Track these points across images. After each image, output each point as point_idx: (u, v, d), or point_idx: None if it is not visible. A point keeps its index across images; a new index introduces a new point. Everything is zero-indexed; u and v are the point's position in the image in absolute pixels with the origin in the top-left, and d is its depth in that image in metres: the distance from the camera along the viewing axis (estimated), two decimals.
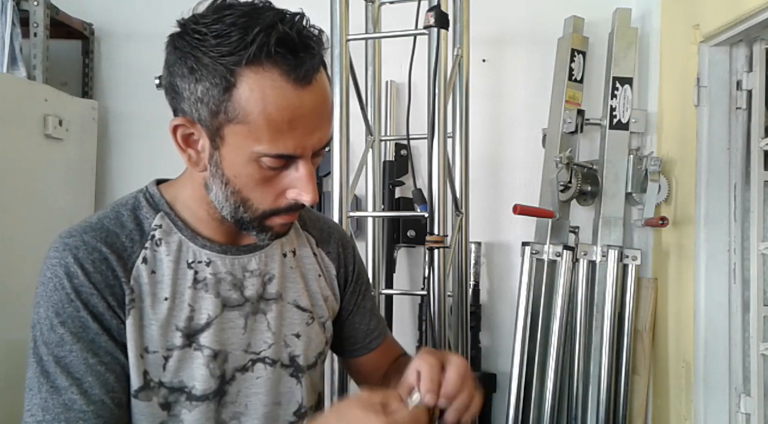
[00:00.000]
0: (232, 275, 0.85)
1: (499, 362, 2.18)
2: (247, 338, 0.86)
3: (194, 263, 0.83)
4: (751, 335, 1.69)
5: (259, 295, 0.87)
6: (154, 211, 0.84)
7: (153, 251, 0.81)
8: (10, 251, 1.77)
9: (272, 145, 0.73)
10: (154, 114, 2.30)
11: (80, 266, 0.77)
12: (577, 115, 2.04)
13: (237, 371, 0.84)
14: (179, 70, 0.74)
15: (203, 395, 0.81)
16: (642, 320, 1.98)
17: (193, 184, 0.84)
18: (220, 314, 0.83)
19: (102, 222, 0.81)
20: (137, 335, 0.78)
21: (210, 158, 0.77)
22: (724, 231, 1.74)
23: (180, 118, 0.77)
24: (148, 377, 0.79)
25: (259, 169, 0.76)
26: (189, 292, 0.82)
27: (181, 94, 0.75)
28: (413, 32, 1.61)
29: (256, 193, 0.78)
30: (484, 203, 2.18)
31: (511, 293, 2.14)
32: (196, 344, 0.81)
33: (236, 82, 0.71)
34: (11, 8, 1.91)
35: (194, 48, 0.73)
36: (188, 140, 0.78)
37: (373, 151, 1.79)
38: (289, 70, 0.72)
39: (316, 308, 0.94)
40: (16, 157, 1.81)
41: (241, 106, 0.72)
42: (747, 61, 1.73)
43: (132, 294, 0.79)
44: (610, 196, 1.99)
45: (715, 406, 1.73)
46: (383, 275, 2.01)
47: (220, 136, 0.75)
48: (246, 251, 0.88)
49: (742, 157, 1.73)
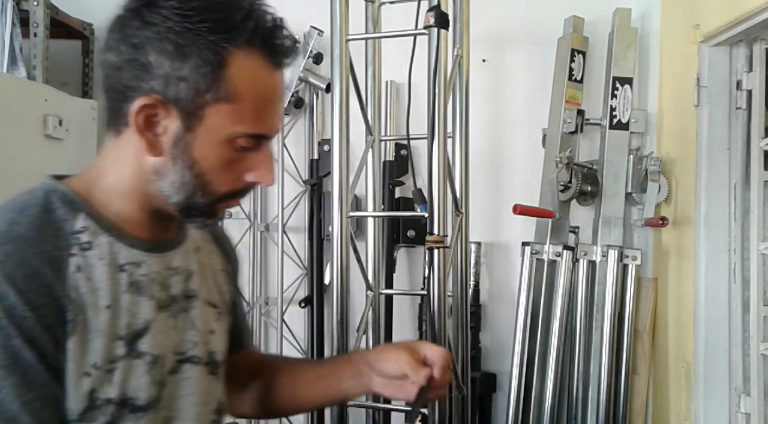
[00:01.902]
0: (159, 274, 0.80)
1: (499, 362, 2.18)
2: (176, 339, 0.82)
3: (126, 265, 0.76)
4: (751, 335, 1.69)
5: (183, 293, 0.84)
6: (73, 211, 0.75)
7: (83, 256, 0.73)
8: None
9: (254, 125, 0.74)
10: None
11: (10, 283, 0.66)
12: (577, 115, 2.04)
13: (168, 375, 0.80)
14: (156, 45, 0.70)
15: (146, 405, 0.76)
16: (642, 320, 1.98)
17: (123, 173, 0.77)
18: (154, 316, 0.78)
19: (15, 230, 0.70)
20: (82, 351, 0.70)
21: (176, 141, 0.73)
22: (724, 231, 1.74)
23: (147, 97, 0.71)
24: (94, 396, 0.71)
25: (231, 150, 0.75)
26: (125, 296, 0.75)
27: (155, 71, 0.71)
28: (413, 32, 1.61)
29: (220, 175, 0.76)
30: (484, 203, 2.18)
31: (511, 293, 2.14)
32: (136, 351, 0.75)
33: (228, 62, 0.71)
34: (11, 8, 1.91)
35: (177, 23, 0.70)
36: (149, 122, 0.73)
37: (373, 151, 1.79)
38: (272, 53, 0.74)
39: (222, 303, 0.92)
40: (16, 157, 1.81)
41: (233, 86, 0.72)
42: (747, 61, 1.73)
43: (73, 308, 0.70)
44: (610, 196, 1.99)
45: (715, 406, 1.73)
46: (383, 275, 2.00)
47: (198, 116, 0.72)
48: (169, 247, 0.83)
49: (742, 157, 1.73)
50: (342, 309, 1.61)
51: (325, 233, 2.12)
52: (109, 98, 0.76)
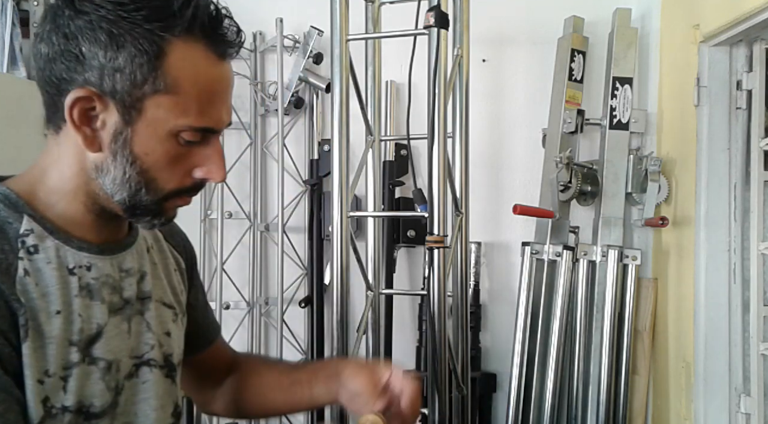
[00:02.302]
0: (111, 277, 0.77)
1: (499, 362, 2.18)
2: (132, 343, 0.79)
3: (75, 268, 0.73)
4: (751, 335, 1.69)
5: (136, 295, 0.81)
6: (16, 213, 0.71)
7: (30, 260, 0.69)
8: None
9: (198, 118, 0.71)
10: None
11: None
12: (577, 115, 2.04)
13: (125, 379, 0.77)
14: (89, 35, 0.67)
15: (101, 412, 0.73)
16: (642, 320, 1.98)
17: (64, 172, 0.73)
18: (107, 320, 0.75)
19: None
20: (36, 358, 0.67)
21: (116, 136, 0.70)
22: (724, 231, 1.74)
23: (82, 89, 0.68)
24: (48, 405, 0.68)
25: (175, 144, 0.71)
26: (77, 301, 0.72)
27: (89, 62, 0.67)
28: (413, 32, 1.61)
29: (165, 172, 0.72)
30: (484, 203, 2.18)
31: (511, 293, 2.14)
32: (89, 357, 0.72)
33: (167, 52, 0.68)
34: (11, 8, 1.91)
35: (110, 11, 0.67)
36: (85, 116, 0.69)
37: (373, 151, 1.79)
38: (214, 42, 0.71)
39: (177, 303, 0.89)
40: (16, 157, 1.80)
41: (172, 77, 0.69)
42: (747, 61, 1.73)
43: (24, 313, 0.67)
44: (610, 196, 1.99)
45: (715, 406, 1.73)
46: (383, 275, 2.01)
47: (137, 109, 0.69)
48: (120, 248, 0.80)
49: (742, 157, 1.73)
50: (342, 309, 1.61)
51: (325, 233, 2.12)
52: (44, 92, 0.72)
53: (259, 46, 2.25)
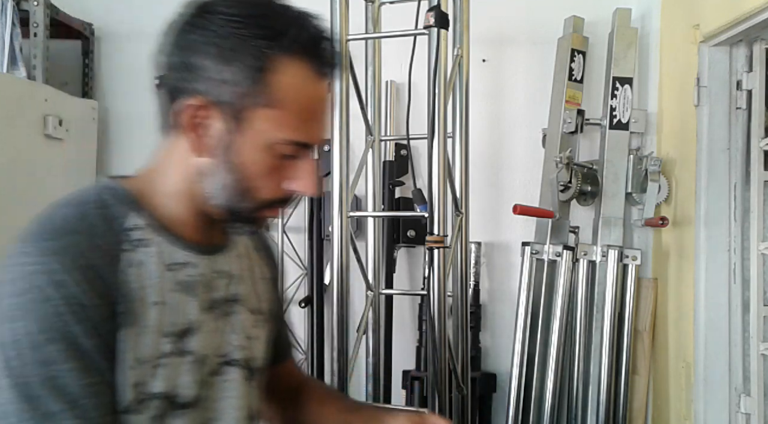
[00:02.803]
0: (205, 276, 0.81)
1: (499, 362, 2.18)
2: (218, 341, 0.83)
3: (174, 264, 0.78)
4: (751, 335, 1.69)
5: (226, 297, 0.85)
6: (126, 209, 0.77)
7: (135, 253, 0.74)
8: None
9: (296, 132, 0.75)
10: (154, 114, 2.30)
11: (69, 273, 0.68)
12: (577, 115, 2.04)
13: (209, 376, 0.81)
14: (203, 48, 0.73)
15: (188, 403, 0.78)
16: (642, 320, 1.98)
17: (173, 174, 0.79)
18: (198, 317, 0.79)
19: (70, 224, 0.72)
20: (131, 345, 0.72)
21: (219, 143, 0.75)
22: (724, 231, 1.74)
23: (193, 97, 0.73)
24: (139, 389, 0.73)
25: (272, 156, 0.75)
26: (172, 295, 0.77)
27: (200, 73, 0.73)
28: (413, 32, 1.61)
29: (261, 181, 0.76)
30: (484, 203, 2.18)
31: (511, 293, 2.14)
32: (180, 349, 0.77)
33: (272, 68, 0.72)
34: (11, 8, 1.91)
35: (222, 27, 0.72)
36: (194, 123, 0.75)
37: (373, 151, 1.79)
38: (317, 62, 0.75)
39: (264, 311, 0.93)
40: (16, 157, 1.81)
41: (275, 92, 0.73)
42: (747, 61, 1.73)
43: (123, 301, 0.72)
44: (610, 196, 1.99)
45: (715, 406, 1.73)
46: (383, 275, 2.00)
47: (240, 120, 0.74)
48: (216, 250, 0.85)
49: (742, 157, 1.73)
50: (342, 309, 1.61)
51: (325, 233, 2.12)
52: (160, 99, 0.79)
53: None
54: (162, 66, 0.77)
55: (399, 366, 2.12)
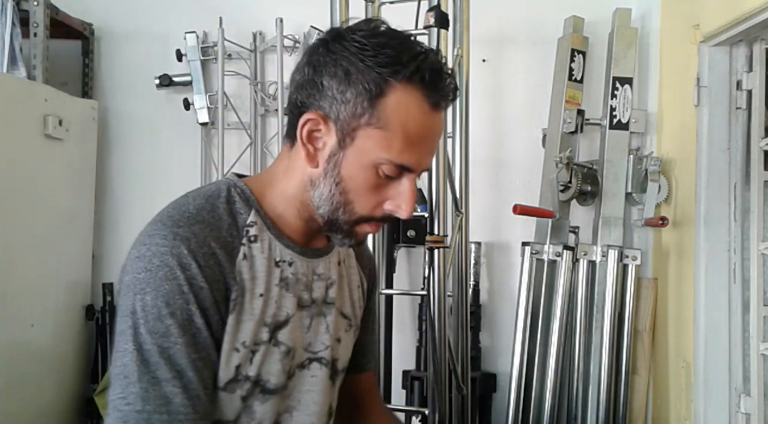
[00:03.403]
0: (306, 276, 0.89)
1: (499, 362, 2.18)
2: (309, 338, 0.90)
3: (280, 261, 0.86)
4: (751, 335, 1.69)
5: (322, 298, 0.92)
6: (247, 207, 0.85)
7: (249, 247, 0.83)
8: (9, 250, 1.77)
9: (399, 155, 0.80)
10: (154, 114, 2.31)
11: (194, 258, 0.77)
12: (577, 115, 2.04)
13: (296, 368, 0.89)
14: (331, 69, 0.79)
15: (274, 389, 0.85)
16: (642, 320, 1.98)
17: (289, 180, 0.86)
18: (295, 312, 0.87)
19: (201, 214, 0.81)
20: (236, 330, 0.80)
21: (330, 157, 0.81)
22: (724, 231, 1.74)
23: (314, 112, 0.80)
24: (239, 370, 0.81)
25: (374, 175, 0.81)
26: (275, 289, 0.84)
27: (325, 91, 0.80)
28: (413, 32, 1.61)
29: (362, 197, 0.82)
30: (484, 203, 2.18)
31: (511, 293, 2.14)
32: (275, 339, 0.84)
33: (387, 92, 0.78)
34: (11, 8, 1.91)
35: (353, 54, 0.79)
36: (311, 135, 0.82)
37: None
38: (431, 93, 0.80)
39: (354, 316, 0.99)
40: (16, 157, 1.81)
41: (386, 114, 0.78)
42: (747, 61, 1.73)
43: (237, 289, 0.80)
44: (610, 197, 1.99)
45: (715, 406, 1.73)
46: (383, 275, 2.01)
47: (352, 137, 0.80)
48: (317, 254, 0.92)
49: (742, 157, 1.73)
50: None
51: None
52: (289, 112, 0.85)
53: (259, 46, 2.25)
54: (295, 83, 0.84)
55: (399, 366, 2.12)
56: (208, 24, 2.21)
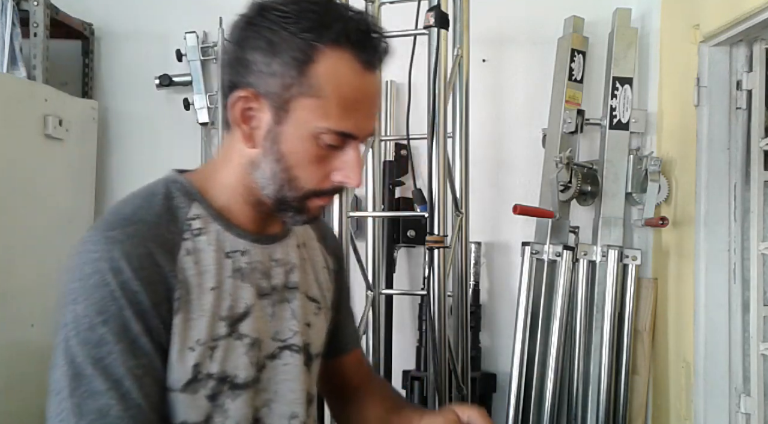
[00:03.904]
0: (262, 264, 0.86)
1: (499, 362, 2.18)
2: (275, 326, 0.87)
3: (232, 252, 0.83)
4: (751, 335, 1.69)
5: (283, 284, 0.89)
6: (188, 200, 0.82)
7: (194, 241, 0.80)
8: (9, 250, 1.77)
9: (338, 122, 0.76)
10: (154, 114, 2.30)
11: (127, 261, 0.73)
12: (577, 115, 2.04)
13: (267, 359, 0.86)
14: (254, 43, 0.76)
15: (244, 384, 0.82)
16: (642, 320, 1.98)
17: (229, 166, 0.83)
18: (255, 302, 0.84)
19: (138, 213, 0.78)
20: (186, 328, 0.77)
21: (267, 134, 0.78)
22: (724, 231, 1.74)
23: (245, 90, 0.77)
24: (197, 370, 0.78)
25: (316, 146, 0.78)
26: (229, 281, 0.82)
27: (251, 66, 0.77)
28: (413, 32, 1.61)
29: (307, 171, 0.79)
30: (484, 203, 2.18)
31: (511, 293, 2.14)
32: (236, 333, 0.81)
33: (315, 58, 0.75)
34: (11, 8, 1.91)
35: (274, 23, 0.75)
36: (244, 115, 0.79)
37: (373, 151, 1.79)
38: (362, 53, 0.77)
39: (322, 298, 0.96)
40: (16, 157, 1.81)
41: (318, 81, 0.75)
42: (747, 61, 1.73)
43: (180, 288, 0.77)
44: (610, 196, 1.99)
45: (715, 406, 1.73)
46: (383, 275, 2.00)
47: (286, 110, 0.77)
48: (272, 240, 0.89)
49: (742, 157, 1.73)
50: None
51: None
52: (222, 96, 0.82)
53: None
54: (224, 64, 0.81)
55: (399, 366, 2.12)
56: (208, 24, 2.21)
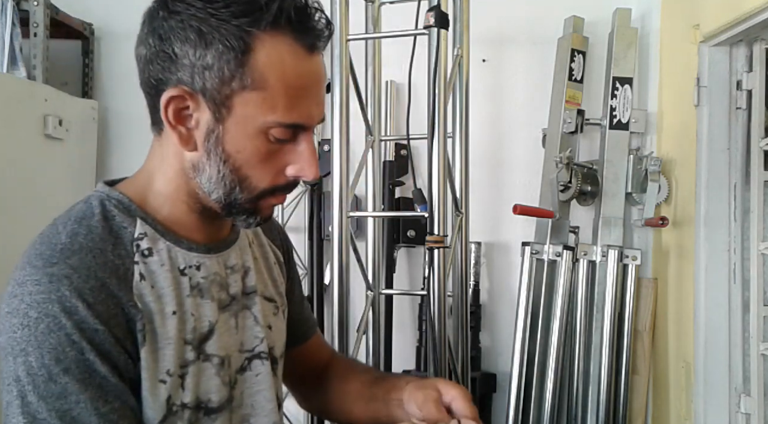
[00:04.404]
0: (218, 274, 0.79)
1: (499, 362, 2.18)
2: (240, 338, 0.81)
3: (186, 268, 0.75)
4: (751, 335, 1.69)
5: (241, 291, 0.82)
6: (130, 218, 0.73)
7: (145, 263, 0.72)
8: (9, 251, 1.76)
9: (286, 114, 0.69)
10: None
11: (79, 297, 0.65)
12: (577, 115, 2.04)
13: (237, 373, 0.80)
14: (180, 34, 0.67)
15: (219, 406, 0.76)
16: (642, 320, 1.98)
17: (167, 173, 0.75)
18: (218, 318, 0.77)
19: (77, 241, 0.69)
20: (154, 359, 0.70)
21: (208, 134, 0.70)
22: (724, 231, 1.74)
23: (176, 88, 0.69)
24: (170, 402, 0.71)
25: (266, 142, 0.71)
26: (189, 300, 0.74)
27: (180, 61, 0.68)
28: (413, 32, 1.61)
29: (257, 169, 0.72)
30: (484, 203, 2.18)
31: (511, 293, 2.14)
32: (203, 354, 0.75)
33: (253, 47, 0.67)
34: (11, 8, 1.91)
35: (200, 9, 0.67)
36: (179, 115, 0.70)
37: (373, 151, 1.79)
38: (303, 36, 0.70)
39: (278, 296, 0.90)
40: (16, 157, 1.81)
41: (259, 72, 0.68)
42: (747, 61, 1.73)
43: (141, 317, 0.69)
44: (610, 197, 1.99)
45: (715, 406, 1.73)
46: (383, 275, 2.00)
47: (227, 106, 0.69)
48: (224, 246, 0.81)
49: (742, 157, 1.73)
50: (342, 309, 1.61)
51: (325, 233, 2.12)
52: (146, 95, 0.74)
53: None
54: (142, 59, 0.72)
55: (399, 366, 2.12)
56: None
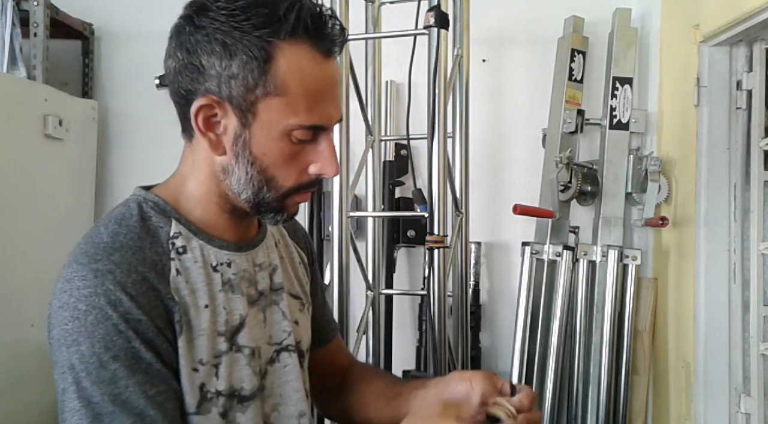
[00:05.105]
0: (248, 271, 0.85)
1: (499, 362, 2.18)
2: (268, 331, 0.87)
3: (218, 265, 0.82)
4: (751, 335, 1.69)
5: (269, 287, 0.89)
6: (166, 218, 0.80)
7: (180, 260, 0.78)
8: (9, 251, 1.77)
9: (307, 116, 0.75)
10: (154, 114, 2.30)
11: (123, 290, 0.71)
12: (577, 115, 2.04)
13: (267, 364, 0.86)
14: (206, 46, 0.74)
15: (251, 395, 0.82)
16: (642, 320, 1.98)
17: (199, 177, 0.82)
18: (248, 311, 0.83)
19: (118, 240, 0.76)
20: (190, 349, 0.76)
21: (236, 139, 0.76)
22: (724, 231, 1.74)
23: (205, 97, 0.75)
24: (205, 390, 0.77)
25: (289, 143, 0.77)
26: (220, 295, 0.80)
27: (208, 72, 0.74)
28: (413, 32, 1.61)
29: (283, 170, 0.78)
30: (484, 203, 2.18)
31: (511, 293, 2.14)
32: (235, 345, 0.81)
33: (274, 55, 0.73)
34: (11, 8, 1.91)
35: (223, 23, 0.73)
36: (208, 123, 0.77)
37: (373, 151, 1.79)
38: (320, 42, 0.75)
39: (303, 294, 0.96)
40: (16, 157, 1.81)
41: (281, 79, 0.73)
42: (747, 61, 1.73)
43: (179, 309, 0.75)
44: (610, 196, 1.99)
45: (715, 406, 1.73)
46: (383, 275, 2.00)
47: (252, 112, 0.75)
48: (253, 245, 0.88)
49: (742, 157, 1.73)
50: (342, 309, 1.61)
51: (325, 233, 2.12)
52: (176, 105, 0.80)
53: None
54: (171, 71, 0.78)
55: (399, 366, 2.12)
56: None
